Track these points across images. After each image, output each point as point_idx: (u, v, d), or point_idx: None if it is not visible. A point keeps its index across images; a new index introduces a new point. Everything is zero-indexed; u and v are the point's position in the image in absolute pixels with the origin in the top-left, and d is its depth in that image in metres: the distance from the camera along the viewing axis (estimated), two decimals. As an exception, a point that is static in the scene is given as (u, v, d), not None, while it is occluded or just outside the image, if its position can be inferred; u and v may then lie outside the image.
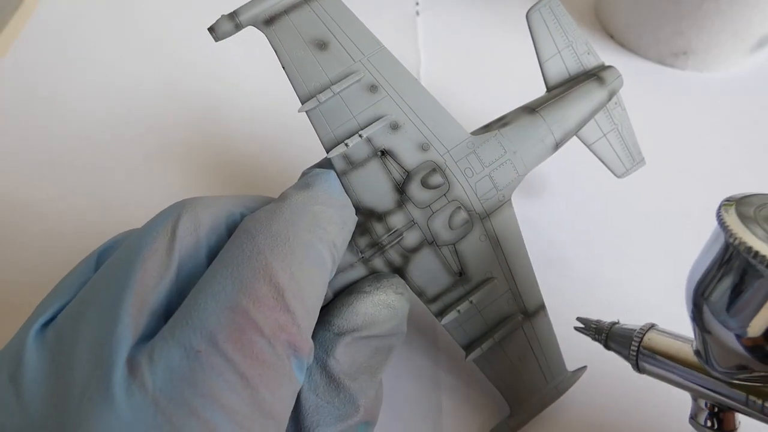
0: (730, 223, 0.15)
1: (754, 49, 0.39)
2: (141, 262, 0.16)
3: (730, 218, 0.15)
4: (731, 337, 0.16)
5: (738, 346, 0.16)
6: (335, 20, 0.22)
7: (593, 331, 0.22)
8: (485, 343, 0.23)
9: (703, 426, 0.19)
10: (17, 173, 0.35)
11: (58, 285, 0.18)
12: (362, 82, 0.22)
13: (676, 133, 0.37)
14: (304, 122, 0.22)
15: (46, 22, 0.45)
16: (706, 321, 0.16)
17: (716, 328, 0.16)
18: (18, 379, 0.15)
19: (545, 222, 0.32)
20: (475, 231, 0.22)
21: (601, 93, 0.26)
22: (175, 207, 0.18)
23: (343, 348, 0.19)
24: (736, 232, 0.14)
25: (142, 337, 0.15)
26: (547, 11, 0.26)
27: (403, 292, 0.21)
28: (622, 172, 0.29)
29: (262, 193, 0.26)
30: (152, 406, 0.14)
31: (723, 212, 0.15)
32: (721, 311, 0.16)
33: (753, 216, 0.15)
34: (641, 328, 0.20)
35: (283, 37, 0.21)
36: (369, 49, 0.22)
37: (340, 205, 0.20)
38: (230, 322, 0.15)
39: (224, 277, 0.16)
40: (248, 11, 0.21)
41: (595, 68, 0.27)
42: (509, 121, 0.24)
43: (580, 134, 0.27)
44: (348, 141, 0.21)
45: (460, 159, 0.22)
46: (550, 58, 0.26)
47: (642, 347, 0.20)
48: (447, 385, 0.26)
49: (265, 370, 0.15)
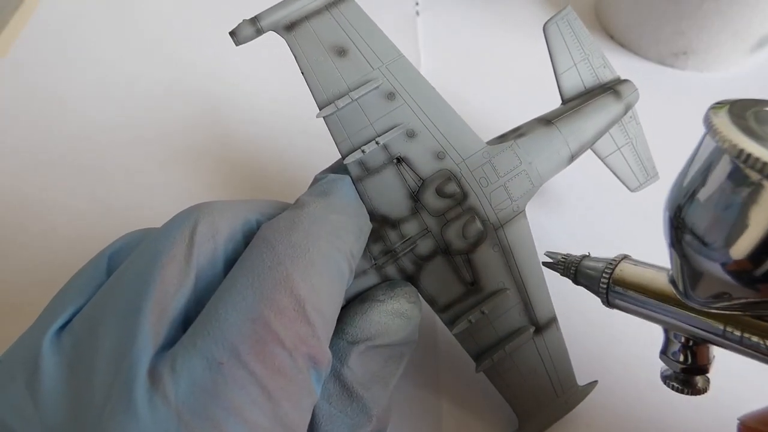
0: (719, 125, 0.13)
1: (754, 49, 0.39)
2: (159, 269, 0.16)
3: (719, 120, 0.13)
4: (713, 260, 0.14)
5: (719, 269, 0.14)
6: (355, 27, 0.22)
7: (561, 265, 0.20)
8: (496, 355, 0.22)
9: (674, 361, 0.18)
10: (17, 173, 0.34)
11: (68, 286, 0.18)
12: (380, 90, 0.22)
13: (676, 133, 0.37)
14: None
15: (47, 22, 0.45)
16: (686, 243, 0.15)
17: (696, 250, 0.14)
18: (35, 385, 0.15)
19: (557, 232, 0.32)
20: (489, 241, 0.22)
21: (617, 107, 0.26)
22: (190, 212, 0.18)
23: (357, 357, 0.19)
24: (726, 134, 0.13)
25: (162, 347, 0.15)
26: (564, 24, 0.26)
27: (416, 300, 0.21)
28: (635, 186, 0.29)
29: (261, 193, 0.26)
30: (175, 418, 0.14)
31: (711, 114, 0.13)
32: (703, 230, 0.14)
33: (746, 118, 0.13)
34: (613, 260, 0.19)
35: (303, 43, 0.21)
36: (388, 56, 0.22)
37: (356, 213, 0.20)
38: (252, 334, 0.15)
39: (245, 287, 0.15)
40: (270, 17, 0.21)
41: (611, 82, 0.27)
42: (525, 132, 0.24)
43: (594, 147, 0.27)
44: (365, 147, 0.21)
45: (475, 168, 0.22)
46: (566, 70, 0.26)
47: (613, 280, 0.18)
48: (448, 395, 0.26)
49: (287, 383, 0.15)
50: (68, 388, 0.15)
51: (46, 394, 0.15)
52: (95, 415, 0.14)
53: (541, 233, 0.31)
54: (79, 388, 0.15)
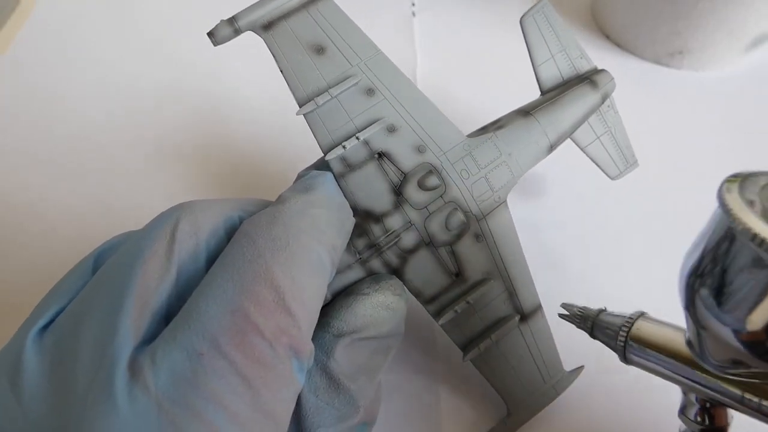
0: (733, 206, 0.13)
1: (749, 49, 0.39)
2: (141, 265, 0.16)
3: (732, 199, 0.13)
4: (727, 331, 0.14)
5: (734, 340, 0.14)
6: (332, 25, 0.22)
7: (578, 318, 0.21)
8: (483, 344, 0.23)
9: (692, 421, 0.18)
10: (17, 173, 0.35)
11: (55, 288, 0.18)
12: (359, 86, 0.22)
13: (672, 132, 0.37)
14: (303, 124, 0.22)
15: (45, 22, 0.45)
16: (700, 313, 0.15)
17: (711, 320, 0.15)
18: (18, 383, 0.15)
19: (544, 225, 0.32)
20: (472, 232, 0.23)
21: (594, 96, 0.26)
22: (173, 210, 0.18)
23: (343, 349, 0.19)
24: (740, 216, 0.13)
25: (143, 341, 0.15)
26: (540, 17, 0.26)
27: (401, 293, 0.21)
28: (615, 174, 0.29)
29: (261, 194, 0.26)
30: (155, 407, 0.14)
31: (725, 192, 0.13)
32: (717, 303, 0.14)
33: (758, 196, 0.13)
34: (630, 317, 0.19)
35: (282, 42, 0.22)
36: (366, 53, 0.22)
37: (338, 207, 0.20)
38: (232, 325, 0.15)
39: (225, 281, 0.16)
40: (247, 16, 0.21)
41: (588, 72, 0.27)
42: (504, 123, 0.24)
43: (574, 137, 0.27)
44: (345, 143, 0.21)
45: (456, 161, 0.22)
46: (543, 62, 0.27)
47: (630, 337, 0.19)
48: (445, 384, 0.26)
49: (267, 372, 0.15)
50: (50, 384, 0.15)
51: (29, 391, 0.15)
52: (77, 407, 0.14)
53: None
54: (61, 383, 0.15)
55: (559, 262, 0.30)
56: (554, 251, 0.31)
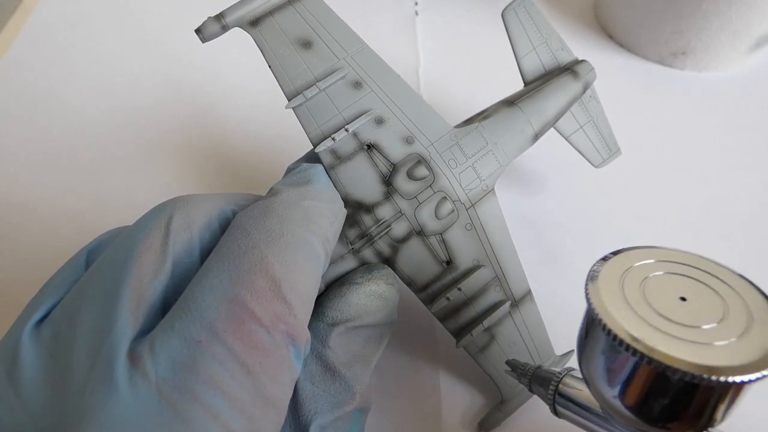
0: (593, 297, 0.14)
1: (753, 49, 0.39)
2: (136, 258, 0.16)
3: (594, 290, 0.14)
4: (616, 401, 0.15)
5: (624, 409, 0.15)
6: (318, 20, 0.22)
7: (519, 372, 0.22)
8: (475, 330, 0.23)
9: None
10: (17, 173, 0.35)
11: (48, 283, 0.18)
12: (346, 79, 0.22)
13: (675, 132, 0.37)
14: (295, 119, 0.22)
15: (46, 22, 0.45)
16: (590, 382, 0.16)
17: (600, 390, 0.15)
18: (16, 375, 0.15)
19: (543, 222, 0.32)
20: (461, 220, 0.23)
21: (575, 85, 0.27)
22: (166, 205, 0.18)
23: (337, 337, 0.19)
24: (597, 309, 0.14)
25: (140, 332, 0.16)
26: (521, 10, 0.27)
27: (393, 282, 0.22)
28: (599, 162, 0.30)
29: (259, 190, 0.26)
30: (156, 394, 0.14)
31: (589, 282, 0.15)
32: (598, 376, 0.15)
33: (619, 281, 0.14)
34: (559, 373, 0.20)
35: (269, 37, 0.22)
36: (352, 47, 0.23)
37: (329, 199, 0.21)
38: (229, 313, 0.15)
39: (221, 271, 0.16)
40: (234, 13, 0.21)
41: (570, 63, 0.28)
42: (490, 113, 0.25)
43: (558, 126, 0.28)
44: (335, 135, 0.22)
45: (443, 151, 0.23)
46: (526, 54, 0.27)
47: (558, 392, 0.19)
48: (445, 371, 0.26)
49: (265, 358, 0.15)
50: (48, 374, 0.15)
51: (26, 382, 0.15)
52: (76, 396, 0.14)
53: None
54: (59, 373, 0.15)
55: (561, 259, 0.30)
56: (551, 247, 0.31)
